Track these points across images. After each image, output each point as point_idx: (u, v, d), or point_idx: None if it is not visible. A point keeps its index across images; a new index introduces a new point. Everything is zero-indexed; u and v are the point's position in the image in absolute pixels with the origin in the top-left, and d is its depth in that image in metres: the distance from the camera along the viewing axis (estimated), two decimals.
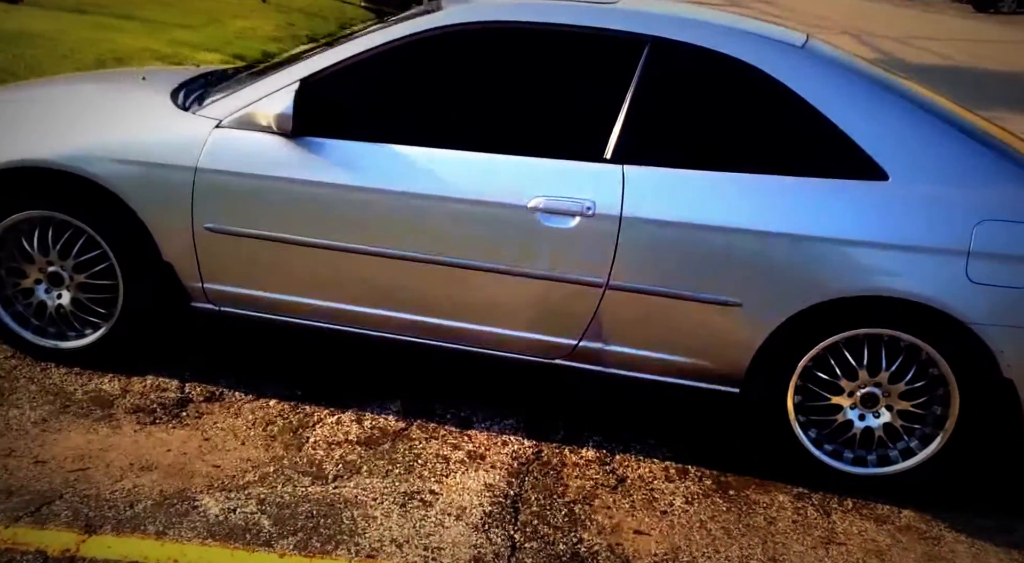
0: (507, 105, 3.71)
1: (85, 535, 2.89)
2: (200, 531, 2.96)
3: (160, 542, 2.90)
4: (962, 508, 3.64)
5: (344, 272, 3.64)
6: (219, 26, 11.09)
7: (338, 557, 2.93)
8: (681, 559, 3.14)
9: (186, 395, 3.73)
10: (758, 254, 3.46)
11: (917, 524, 3.52)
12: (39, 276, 3.80)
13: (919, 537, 3.43)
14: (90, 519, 2.95)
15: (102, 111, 3.83)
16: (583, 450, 3.73)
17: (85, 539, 2.88)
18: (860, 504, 3.59)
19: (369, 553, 2.96)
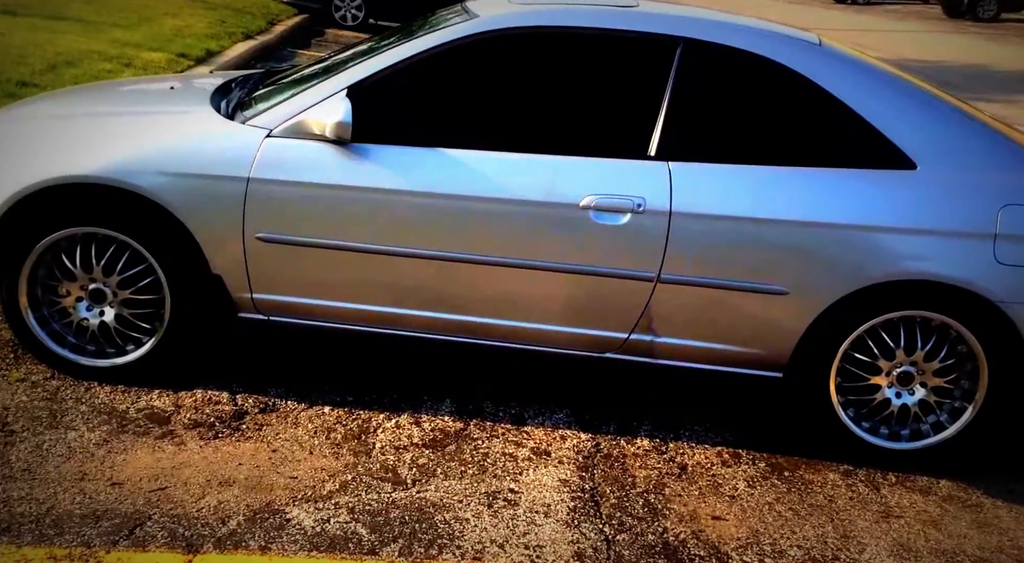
0: (552, 107, 3.78)
1: (190, 555, 2.88)
2: (302, 544, 2.97)
3: (266, 557, 2.91)
4: (992, 475, 3.85)
5: (399, 276, 3.68)
6: (152, 24, 10.87)
7: (444, 561, 2.96)
8: (763, 542, 3.25)
9: (240, 407, 3.72)
10: (802, 244, 3.61)
11: (957, 493, 3.71)
12: (80, 294, 3.72)
13: (963, 505, 3.62)
14: (188, 538, 2.94)
15: (145, 123, 3.77)
16: (638, 440, 3.83)
17: (191, 559, 2.86)
18: (902, 477, 3.76)
19: (474, 555, 3.01)
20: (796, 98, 3.69)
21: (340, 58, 4.24)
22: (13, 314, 3.73)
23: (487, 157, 3.61)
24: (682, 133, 3.65)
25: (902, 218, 3.60)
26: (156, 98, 4.22)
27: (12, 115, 3.98)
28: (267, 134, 3.59)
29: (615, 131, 3.72)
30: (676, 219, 3.58)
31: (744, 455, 3.80)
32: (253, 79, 4.49)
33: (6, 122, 3.85)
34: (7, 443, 3.32)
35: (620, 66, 3.78)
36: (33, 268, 3.67)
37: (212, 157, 3.59)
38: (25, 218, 3.60)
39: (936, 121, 3.72)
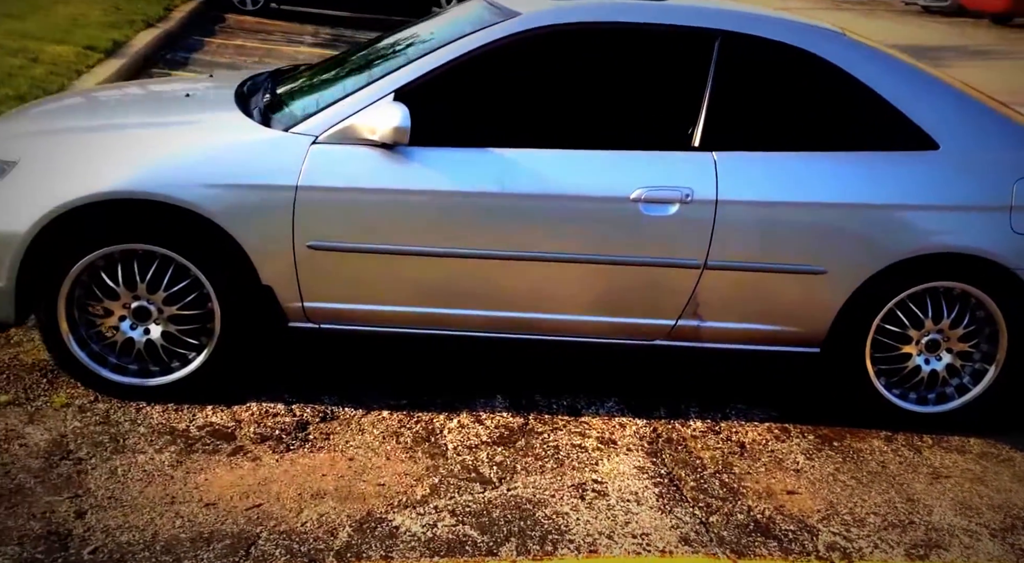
0: (599, 102, 3.85)
1: None
2: (420, 550, 2.99)
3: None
4: (1013, 431, 4.10)
5: (453, 277, 3.70)
6: (45, 13, 10.40)
7: (564, 557, 3.02)
8: (841, 512, 3.42)
9: (300, 418, 3.68)
10: (839, 225, 3.79)
11: (988, 450, 3.95)
12: (122, 312, 3.62)
13: (997, 461, 3.86)
14: (307, 554, 2.93)
15: (181, 134, 3.68)
16: (691, 422, 3.95)
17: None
18: (937, 439, 3.99)
19: (589, 548, 3.07)
20: (828, 86, 3.86)
21: (361, 58, 4.21)
22: (52, 338, 3.61)
23: (537, 155, 3.65)
24: (724, 123, 3.77)
25: (929, 196, 3.81)
26: (180, 107, 4.10)
27: (27, 128, 3.80)
28: (313, 141, 3.55)
29: (660, 124, 3.82)
30: (722, 207, 3.69)
31: (792, 429, 3.95)
32: (267, 81, 4.40)
33: (27, 136, 3.68)
34: (79, 471, 3.22)
35: (662, 60, 3.87)
36: (70, 289, 3.52)
37: (258, 167, 3.54)
38: (62, 238, 3.47)
39: (952, 103, 3.94)
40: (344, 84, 3.88)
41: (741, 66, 3.83)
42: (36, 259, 3.48)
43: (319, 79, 4.17)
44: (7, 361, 3.87)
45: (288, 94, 4.05)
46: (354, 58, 4.37)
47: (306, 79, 4.26)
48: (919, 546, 3.23)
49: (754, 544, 3.15)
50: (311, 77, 4.27)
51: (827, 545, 3.19)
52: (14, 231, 3.43)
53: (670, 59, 3.87)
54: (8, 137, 3.71)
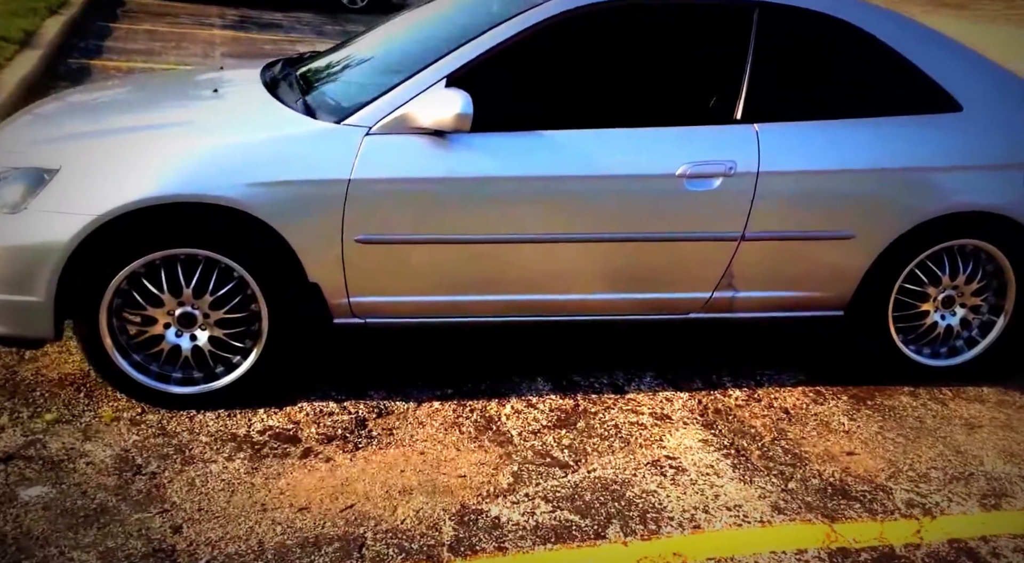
0: (643, 79, 3.88)
1: (452, 559, 2.83)
2: (530, 539, 2.99)
3: (510, 557, 2.92)
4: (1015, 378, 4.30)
5: (506, 264, 3.68)
6: None
7: (670, 535, 3.07)
8: (903, 469, 3.55)
9: (357, 415, 3.63)
10: (870, 190, 3.90)
11: (1003, 398, 4.16)
12: (168, 320, 3.49)
13: (1016, 408, 4.07)
14: (422, 551, 2.90)
15: (228, 132, 3.54)
16: (730, 391, 4.04)
17: (452, 561, 2.82)
18: (955, 391, 4.18)
19: (693, 523, 3.13)
20: (860, 53, 3.97)
21: (390, 43, 4.14)
22: (95, 351, 3.46)
23: (586, 136, 3.67)
24: (764, 95, 3.83)
25: (955, 157, 3.97)
26: (217, 104, 3.93)
27: (64, 132, 3.61)
28: (366, 132, 3.46)
29: (704, 98, 3.86)
30: (762, 178, 3.77)
31: (825, 392, 4.07)
32: (289, 70, 4.27)
33: (67, 141, 3.49)
34: (156, 485, 3.12)
35: (705, 33, 3.93)
36: (111, 299, 3.38)
37: (309, 161, 3.43)
38: (104, 246, 3.31)
39: (971, 65, 4.11)
40: (386, 72, 3.79)
41: (779, 36, 3.90)
42: (75, 271, 3.29)
43: (353, 67, 4.10)
44: (32, 378, 3.70)
45: (323, 83, 3.96)
46: (379, 44, 4.28)
47: (337, 67, 4.17)
48: (987, 496, 3.38)
49: (840, 507, 3.24)
50: (341, 65, 4.17)
51: (905, 502, 3.31)
52: (55, 241, 3.25)
53: (713, 32, 3.92)
54: (45, 142, 3.50)
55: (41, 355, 3.82)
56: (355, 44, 4.57)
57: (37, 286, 3.26)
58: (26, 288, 3.26)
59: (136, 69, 8.77)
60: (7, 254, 3.26)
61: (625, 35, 3.84)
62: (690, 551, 2.96)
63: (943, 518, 3.23)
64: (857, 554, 3.01)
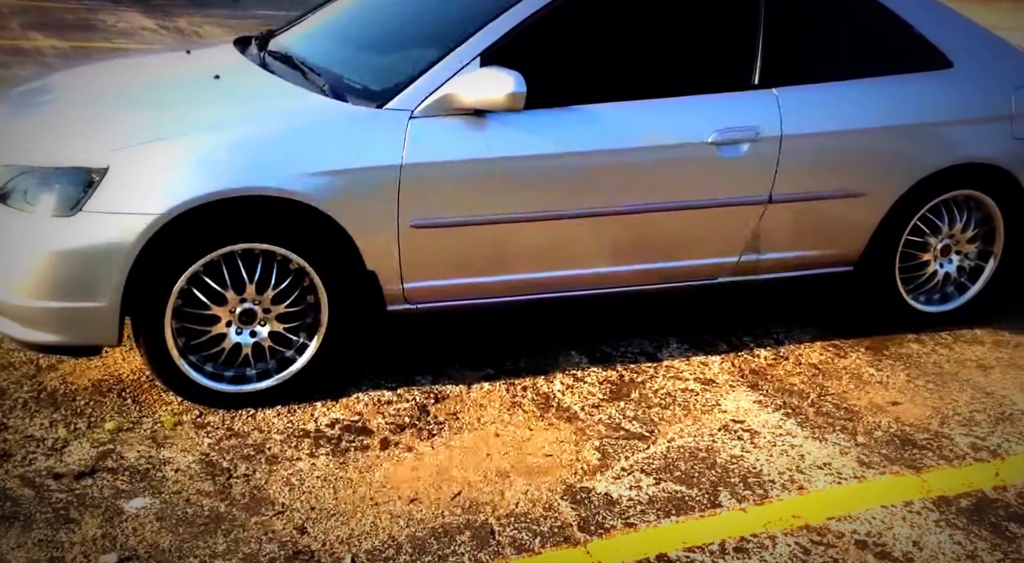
0: (666, 48, 3.87)
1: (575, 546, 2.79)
2: (651, 512, 2.97)
3: (641, 532, 2.90)
4: (996, 319, 4.50)
5: (554, 240, 3.64)
6: None
7: (780, 498, 3.10)
8: (948, 415, 3.70)
9: (416, 402, 3.51)
10: (879, 147, 4.04)
11: (997, 338, 4.38)
12: (229, 318, 3.28)
13: (1012, 347, 4.30)
14: (556, 533, 2.85)
15: (267, 122, 3.35)
16: (756, 352, 4.11)
17: (589, 541, 2.81)
18: (954, 335, 4.37)
19: (797, 485, 3.17)
20: (863, 13, 4.08)
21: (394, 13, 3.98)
22: (158, 355, 3.24)
23: (625, 107, 3.67)
24: (779, 58, 3.89)
25: (951, 112, 4.12)
26: (235, 92, 3.67)
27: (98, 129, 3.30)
28: (410, 115, 3.32)
29: (724, 64, 3.89)
30: (785, 141, 3.83)
31: (843, 345, 4.19)
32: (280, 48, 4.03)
33: (107, 138, 3.20)
34: (255, 487, 2.96)
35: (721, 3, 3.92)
36: (175, 300, 3.15)
37: (360, 148, 3.31)
38: (168, 246, 3.11)
39: (957, 23, 4.27)
40: (399, 49, 3.76)
41: (789, 2, 3.90)
42: (141, 272, 3.08)
43: (355, 43, 3.99)
44: (64, 387, 3.42)
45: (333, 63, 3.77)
46: (361, 14, 4.11)
47: (335, 44, 4.04)
48: None
49: (916, 457, 3.35)
50: (337, 42, 4.06)
51: (971, 446, 3.44)
52: (121, 243, 3.02)
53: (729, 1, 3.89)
54: (79, 141, 3.19)
55: (58, 363, 3.51)
56: (327, 14, 4.38)
57: (101, 291, 3.02)
58: (89, 294, 3.03)
59: None
60: (66, 260, 3.01)
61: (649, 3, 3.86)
62: (807, 512, 2.98)
63: (1012, 458, 3.37)
64: (957, 501, 3.10)
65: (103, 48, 8.84)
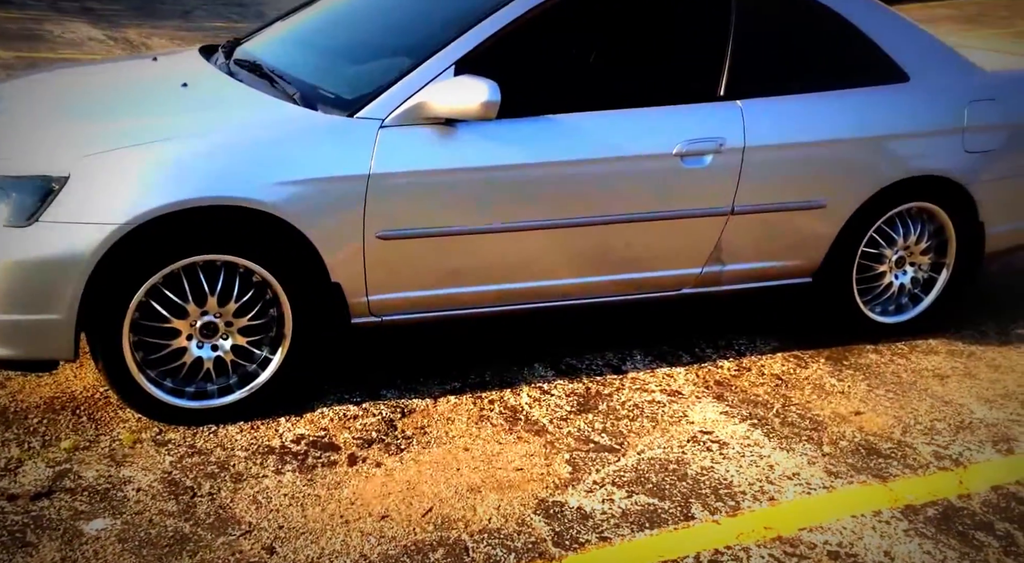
0: (635, 59, 3.88)
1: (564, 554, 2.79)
2: (625, 526, 2.95)
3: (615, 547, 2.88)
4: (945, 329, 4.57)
5: (522, 251, 3.63)
6: None
7: (752, 509, 3.11)
8: (910, 423, 3.74)
9: (383, 417, 3.47)
10: (839, 159, 4.08)
11: (951, 348, 4.44)
12: (190, 331, 3.22)
13: (967, 356, 4.37)
14: (530, 549, 2.81)
15: (234, 131, 3.29)
16: (719, 362, 4.13)
17: (564, 556, 2.81)
18: (910, 346, 4.43)
19: (767, 496, 3.18)
20: (825, 28, 4.12)
21: (363, 19, 3.94)
22: (117, 370, 3.15)
23: (594, 118, 3.67)
24: (744, 71, 3.92)
25: (908, 125, 4.19)
26: (203, 101, 3.60)
27: (58, 134, 3.21)
28: (380, 124, 3.29)
29: (691, 76, 3.90)
30: (748, 153, 3.86)
31: (803, 356, 4.23)
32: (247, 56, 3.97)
33: (67, 145, 3.11)
34: (220, 506, 2.89)
35: (689, 10, 3.95)
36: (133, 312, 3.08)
37: (328, 158, 3.26)
38: (127, 257, 3.03)
39: (912, 37, 4.34)
40: (370, 56, 3.72)
41: (756, 14, 3.98)
42: (99, 284, 2.99)
43: (325, 51, 3.94)
44: (13, 405, 3.34)
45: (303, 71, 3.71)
46: (329, 21, 4.06)
47: (304, 52, 4.00)
48: (997, 442, 3.61)
49: (881, 466, 3.38)
50: (306, 49, 4.01)
51: (934, 455, 3.48)
52: (78, 254, 2.93)
53: (699, 12, 3.97)
54: (41, 148, 3.10)
55: (6, 379, 3.42)
56: (297, 20, 4.33)
57: (57, 303, 2.93)
58: (44, 306, 2.94)
59: None
60: (20, 271, 2.91)
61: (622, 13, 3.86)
62: (779, 523, 2.99)
63: (974, 466, 3.41)
64: (924, 509, 3.13)
65: (49, 59, 8.67)
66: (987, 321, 4.65)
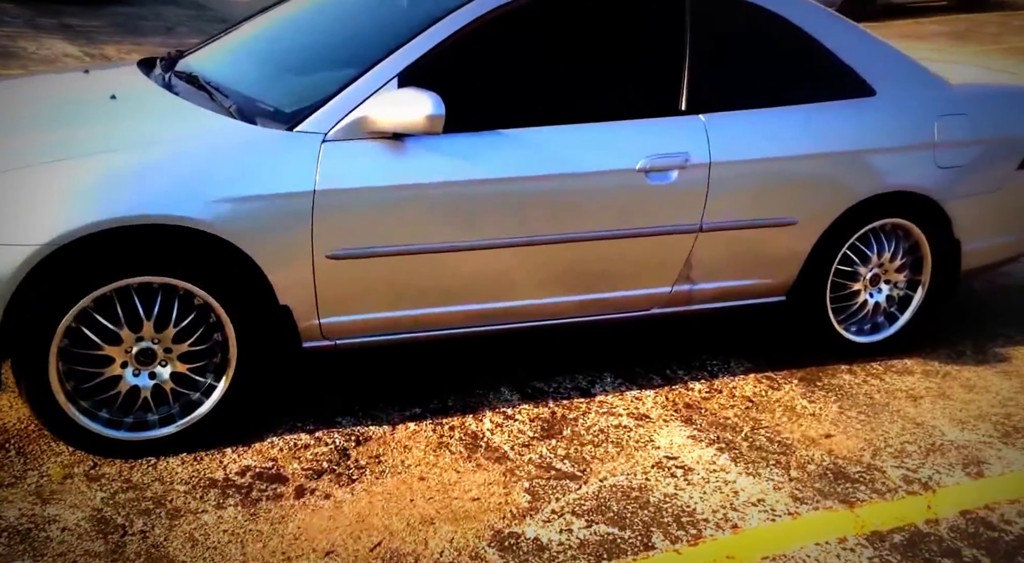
0: (593, 71, 3.80)
1: None
2: (583, 558, 2.88)
3: None
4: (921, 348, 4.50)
5: (479, 270, 3.54)
6: None
7: (714, 538, 3.03)
8: (880, 446, 3.66)
9: (336, 445, 3.39)
10: (808, 175, 4.01)
11: (926, 368, 4.37)
12: (124, 358, 3.13)
13: (942, 376, 4.29)
14: None
15: (169, 145, 3.20)
16: (689, 384, 4.05)
17: None
18: (885, 366, 4.36)
19: (730, 523, 3.10)
20: (785, 40, 4.05)
21: (301, 31, 3.97)
22: (42, 400, 3.06)
23: (550, 132, 3.57)
24: (705, 84, 3.85)
25: (877, 140, 4.13)
26: (135, 114, 3.53)
27: None
28: (323, 139, 3.21)
29: (650, 90, 3.83)
30: (714, 169, 3.79)
31: (775, 377, 4.15)
32: (186, 69, 3.90)
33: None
34: (153, 546, 2.79)
35: (643, 22, 3.88)
36: (60, 339, 2.99)
37: (270, 173, 3.17)
38: (51, 280, 2.93)
39: (877, 51, 4.27)
40: (311, 67, 3.64)
41: (712, 25, 3.91)
42: (19, 309, 2.90)
43: (266, 62, 3.87)
44: None
45: (242, 84, 3.64)
46: (274, 32, 4.00)
47: (245, 64, 3.91)
48: (967, 465, 3.53)
49: (849, 491, 3.30)
50: (247, 61, 3.93)
51: (903, 479, 3.40)
52: None
53: (653, 23, 3.88)
54: None
55: None
56: (239, 35, 4.27)
57: None
58: None
59: None
60: None
61: (577, 24, 3.77)
62: (741, 552, 2.91)
63: (943, 490, 3.33)
64: (891, 536, 3.05)
65: (20, 76, 8.58)
66: (965, 340, 4.56)
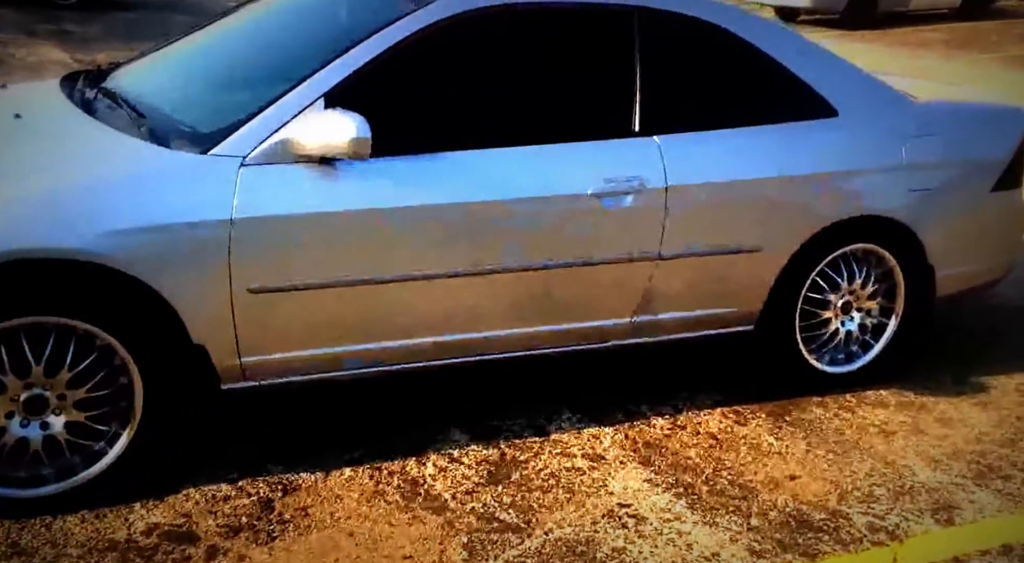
0: (539, 91, 3.60)
1: None
2: None
3: None
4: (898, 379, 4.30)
5: (417, 303, 3.34)
6: None
7: None
8: (847, 489, 3.46)
9: (259, 496, 3.17)
10: (770, 199, 3.82)
11: (901, 399, 4.17)
12: (10, 408, 2.89)
13: (917, 409, 4.09)
14: None
15: (65, 170, 2.97)
16: (652, 420, 3.84)
17: None
18: (858, 398, 4.15)
19: None
20: (742, 60, 3.87)
21: (228, 48, 3.78)
22: None
23: (490, 155, 3.37)
24: (659, 105, 3.66)
25: (841, 162, 3.94)
26: (34, 134, 3.31)
27: None
28: (241, 163, 2.99)
29: (601, 111, 3.64)
30: (671, 193, 3.58)
31: (743, 411, 3.95)
32: (106, 86, 3.69)
33: None
34: None
35: (592, 42, 3.68)
36: None
37: (180, 201, 2.95)
38: None
39: (840, 71, 4.09)
40: (235, 86, 3.40)
41: (664, 44, 3.73)
42: None
43: (189, 81, 3.64)
44: None
45: (161, 103, 3.42)
46: (205, 50, 3.78)
47: (168, 81, 3.69)
48: (937, 511, 3.33)
49: (811, 542, 3.11)
50: (171, 78, 3.72)
51: (868, 527, 3.21)
52: None
53: (598, 41, 3.67)
54: None
55: None
56: (171, 50, 4.06)
57: None
58: None
59: None
60: None
61: (519, 42, 3.58)
62: None
63: (910, 541, 3.14)
64: None
65: None
66: (944, 368, 4.37)
